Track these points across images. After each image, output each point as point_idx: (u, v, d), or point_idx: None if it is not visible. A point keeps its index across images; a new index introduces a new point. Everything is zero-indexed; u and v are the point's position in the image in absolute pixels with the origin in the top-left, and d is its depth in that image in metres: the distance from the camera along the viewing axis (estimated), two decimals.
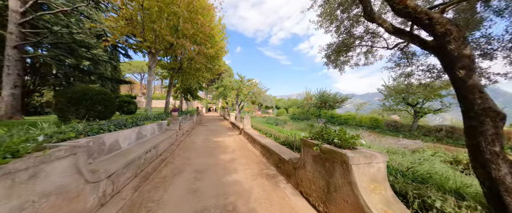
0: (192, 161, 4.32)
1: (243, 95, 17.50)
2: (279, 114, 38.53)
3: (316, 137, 2.49)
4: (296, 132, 8.68)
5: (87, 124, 3.46)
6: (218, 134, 8.81)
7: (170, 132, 6.50)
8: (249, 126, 8.23)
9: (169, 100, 12.88)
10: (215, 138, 7.60)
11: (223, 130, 10.80)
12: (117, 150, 3.47)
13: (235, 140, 7.29)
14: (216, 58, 11.80)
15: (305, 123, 11.22)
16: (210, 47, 9.72)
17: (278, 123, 14.07)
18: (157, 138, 5.18)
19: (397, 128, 12.80)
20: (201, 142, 6.68)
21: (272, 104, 48.51)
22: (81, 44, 9.03)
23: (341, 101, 21.93)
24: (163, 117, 8.17)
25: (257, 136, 6.11)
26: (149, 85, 8.47)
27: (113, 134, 3.41)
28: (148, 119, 6.60)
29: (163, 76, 12.29)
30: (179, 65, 11.82)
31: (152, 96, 31.40)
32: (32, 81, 13.62)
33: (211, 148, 5.76)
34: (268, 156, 4.41)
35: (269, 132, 7.50)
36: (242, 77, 17.27)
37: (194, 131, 9.88)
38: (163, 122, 6.95)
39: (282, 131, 8.45)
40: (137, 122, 5.14)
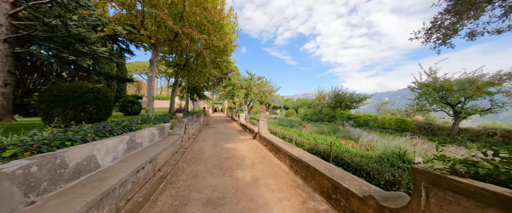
0: (201, 181, 3.15)
1: (253, 94, 16.29)
2: (288, 115, 37.07)
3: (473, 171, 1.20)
4: (320, 137, 7.38)
5: (60, 131, 2.38)
6: (229, 139, 7.65)
7: (174, 138, 5.39)
8: (265, 129, 7.01)
9: (174, 100, 11.91)
10: (226, 144, 6.43)
11: (233, 133, 9.64)
12: (91, 171, 2.35)
13: (250, 147, 6.09)
14: (225, 53, 10.68)
15: (326, 126, 9.85)
16: (219, 39, 8.60)
17: (293, 125, 12.76)
18: (157, 147, 4.07)
19: (433, 131, 11.14)
20: (211, 150, 5.53)
21: (280, 104, 47.06)
22: (77, 38, 8.18)
23: (359, 100, 20.24)
24: (166, 119, 7.11)
25: (281, 143, 4.88)
26: (151, 82, 7.44)
27: (83, 147, 2.29)
28: (147, 121, 5.53)
29: (168, 74, 11.31)
30: (185, 61, 10.79)
31: (156, 95, 31.03)
32: (32, 80, 13.07)
33: (224, 158, 4.58)
34: (306, 176, 3.17)
35: (288, 137, 6.28)
36: (252, 75, 16.08)
37: (202, 135, 8.78)
38: (166, 125, 5.87)
39: (302, 135, 7.19)
40: (131, 126, 4.04)
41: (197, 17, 6.75)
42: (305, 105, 42.50)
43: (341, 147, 5.60)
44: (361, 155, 4.42)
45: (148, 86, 7.45)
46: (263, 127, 7.04)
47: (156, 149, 3.88)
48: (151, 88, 7.47)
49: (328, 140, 6.41)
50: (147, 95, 7.43)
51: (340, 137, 8.12)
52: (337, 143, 6.09)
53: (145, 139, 4.15)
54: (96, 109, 5.73)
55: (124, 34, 7.22)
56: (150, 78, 7.45)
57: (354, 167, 3.29)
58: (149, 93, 7.42)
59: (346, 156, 3.74)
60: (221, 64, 11.52)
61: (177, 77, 11.56)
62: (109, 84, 30.17)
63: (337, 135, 8.66)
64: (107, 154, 2.72)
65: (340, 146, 5.73)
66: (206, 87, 17.20)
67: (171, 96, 11.83)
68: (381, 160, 4.20)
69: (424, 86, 10.79)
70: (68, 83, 5.45)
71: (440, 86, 10.04)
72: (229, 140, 7.44)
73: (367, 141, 6.21)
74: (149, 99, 7.41)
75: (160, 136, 5.23)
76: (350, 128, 8.22)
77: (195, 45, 7.85)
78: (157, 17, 6.08)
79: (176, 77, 11.61)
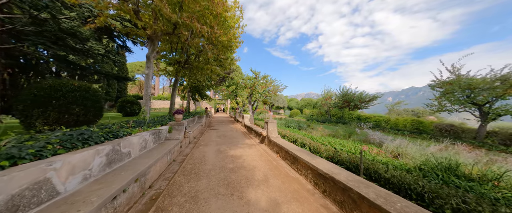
0: (202, 207, 2.39)
1: (257, 94, 15.54)
2: (293, 115, 36.19)
3: None
4: (336, 142, 6.58)
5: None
6: (234, 143, 6.90)
7: (171, 143, 4.65)
8: (275, 133, 6.23)
9: (175, 100, 11.21)
10: (231, 150, 5.68)
11: (238, 136, 8.89)
12: (40, 203, 1.60)
13: (259, 154, 5.32)
14: (229, 49, 9.93)
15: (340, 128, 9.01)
16: (223, 33, 7.85)
17: (301, 127, 11.95)
18: (148, 158, 3.33)
19: (456, 134, 10.19)
20: (214, 158, 4.77)
21: (284, 104, 46.16)
22: (68, 32, 7.53)
23: (369, 100, 19.27)
24: (164, 121, 6.39)
25: (298, 151, 4.10)
26: (148, 80, 6.74)
27: (30, 169, 1.54)
28: (141, 124, 4.81)
29: (168, 73, 10.62)
30: (186, 58, 10.08)
31: (157, 95, 30.39)
32: (27, 80, 12.55)
33: (230, 170, 3.83)
34: (342, 200, 2.38)
35: (299, 140, 5.51)
36: (257, 74, 15.33)
37: (204, 138, 8.05)
38: (163, 128, 5.14)
39: (315, 139, 6.39)
40: (118, 131, 3.31)
41: (198, 6, 6.01)
42: (310, 105, 41.55)
43: (365, 155, 4.79)
44: (396, 166, 3.62)
45: (145, 85, 6.74)
46: (273, 131, 6.27)
47: (147, 161, 3.14)
48: (148, 87, 6.76)
49: (347, 145, 5.59)
50: (144, 95, 6.72)
51: (358, 141, 7.30)
52: (357, 149, 5.28)
53: (135, 147, 3.41)
54: (83, 110, 5.03)
55: (117, 26, 6.52)
56: (147, 76, 6.74)
57: (396, 185, 2.50)
58: (145, 92, 6.71)
59: (380, 168, 2.96)
60: (224, 62, 10.78)
61: (177, 76, 10.86)
62: (109, 83, 29.81)
63: (353, 138, 7.83)
64: (73, 174, 1.98)
65: (364, 153, 4.93)
66: (208, 87, 16.50)
67: (171, 96, 11.14)
68: (425, 173, 3.40)
69: (447, 84, 9.86)
70: (51, 80, 4.75)
71: (466, 84, 9.10)
72: (234, 144, 6.68)
73: (394, 146, 5.39)
74: (145, 99, 6.70)
75: (155, 142, 4.50)
76: (368, 130, 7.40)
77: (196, 39, 7.13)
78: (152, 5, 5.36)
79: (177, 75, 10.91)
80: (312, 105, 39.25)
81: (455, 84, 9.46)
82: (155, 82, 55.04)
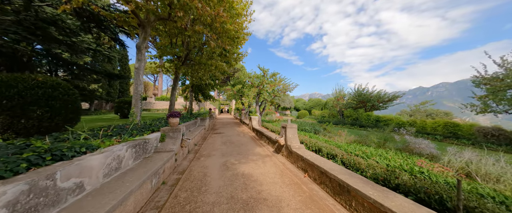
0: None
1: (266, 93, 14.22)
2: (301, 116, 34.67)
3: None
4: (371, 151, 5.18)
5: None
6: (244, 153, 5.61)
7: (161, 159, 3.41)
8: (297, 141, 4.91)
9: (175, 100, 10.06)
10: (242, 165, 4.39)
11: (246, 142, 7.60)
12: None
13: (280, 172, 4.01)
14: (236, 41, 8.69)
15: (371, 133, 7.57)
16: (229, 18, 6.62)
17: (317, 130, 10.57)
18: (114, 192, 2.08)
19: (506, 139, 8.55)
20: (219, 179, 3.50)
21: (290, 105, 44.60)
22: (48, 21, 6.47)
23: (388, 100, 17.60)
24: (156, 126, 5.17)
25: (347, 175, 2.78)
26: (138, 76, 5.55)
27: None
28: (122, 132, 3.61)
29: (166, 68, 9.46)
30: (186, 52, 8.90)
31: (161, 96, 29.41)
32: None
33: (244, 202, 2.55)
34: None
35: (325, 150, 4.23)
36: (265, 71, 14.03)
37: (206, 146, 6.80)
38: (152, 136, 3.91)
39: (340, 147, 5.03)
40: (64, 150, 2.08)
41: None
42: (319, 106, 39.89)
43: (431, 175, 3.42)
44: None
45: (134, 81, 5.56)
46: (294, 138, 4.95)
47: (110, 198, 1.89)
48: (139, 84, 5.57)
49: (394, 158, 4.20)
50: (133, 93, 5.54)
51: (395, 149, 5.88)
52: (410, 164, 3.89)
53: (95, 173, 2.17)
54: (48, 113, 3.86)
55: (102, 12, 5.37)
56: (137, 70, 5.56)
57: None
58: (135, 90, 5.53)
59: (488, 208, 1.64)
60: (230, 57, 9.55)
61: (177, 73, 9.70)
62: (111, 84, 29.15)
63: (386, 145, 6.41)
64: None
65: (430, 173, 3.54)
66: (212, 86, 15.32)
67: (170, 96, 9.99)
68: None
69: (497, 80, 8.26)
70: (4, 74, 3.60)
71: None
72: (244, 154, 5.39)
73: (464, 161, 3.97)
74: (135, 98, 5.51)
75: (138, 157, 3.27)
76: (410, 137, 5.98)
77: (197, 27, 5.92)
78: None
79: (176, 72, 9.75)
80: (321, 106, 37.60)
81: (510, 77, 7.81)
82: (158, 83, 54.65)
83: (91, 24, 7.01)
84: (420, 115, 17.62)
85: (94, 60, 20.19)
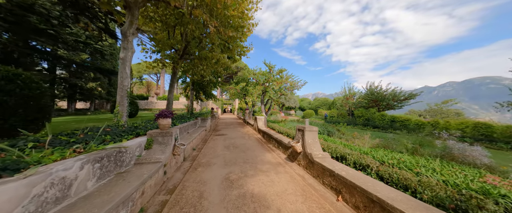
0: None
1: (272, 91, 13.23)
2: (306, 116, 33.53)
3: None
4: (411, 161, 4.12)
5: None
6: (251, 161, 4.65)
7: (140, 175, 2.47)
8: (319, 148, 3.91)
9: (172, 98, 9.17)
10: (250, 180, 3.43)
11: (253, 146, 6.64)
12: None
13: (301, 191, 3.03)
14: (240, 31, 7.73)
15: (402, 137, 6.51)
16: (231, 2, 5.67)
17: (331, 132, 9.54)
18: None
19: None
20: (221, 203, 2.55)
21: (295, 104, 43.39)
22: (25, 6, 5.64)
23: (404, 99, 16.36)
24: (144, 129, 4.25)
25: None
26: (123, 67, 4.65)
27: None
28: (92, 139, 2.69)
29: (163, 64, 8.57)
30: (184, 44, 7.98)
31: (162, 95, 28.55)
32: None
33: None
34: None
35: (354, 159, 3.27)
36: (271, 67, 13.04)
37: (206, 151, 5.87)
38: (133, 143, 2.99)
39: (365, 152, 4.04)
40: None
41: None
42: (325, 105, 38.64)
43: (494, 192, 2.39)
44: None
45: (119, 74, 4.67)
46: (314, 144, 3.96)
47: None
48: (125, 77, 4.67)
49: (445, 171, 3.15)
50: (118, 88, 4.65)
51: (432, 156, 4.83)
52: (475, 180, 2.86)
53: None
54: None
55: None
56: (123, 61, 4.65)
57: None
58: (120, 84, 4.63)
59: None
60: (233, 50, 8.59)
61: (175, 68, 8.81)
62: (111, 82, 28.56)
63: (420, 151, 5.35)
64: None
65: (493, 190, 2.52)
66: (214, 84, 14.41)
67: (168, 94, 9.11)
68: None
69: None
70: None
71: None
72: (251, 163, 4.43)
73: None
74: (120, 94, 4.62)
75: (105, 175, 2.33)
76: (452, 142, 4.92)
77: (195, 10, 5.00)
78: None
79: (174, 68, 8.86)
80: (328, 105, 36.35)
81: None
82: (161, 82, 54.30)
83: (75, 10, 6.18)
84: (440, 116, 16.29)
85: (92, 58, 19.59)
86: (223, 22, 6.57)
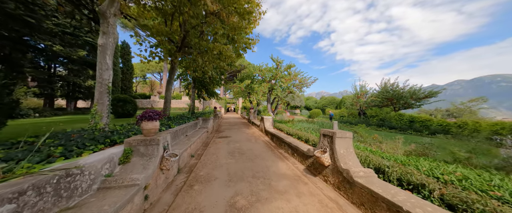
0: None
1: (279, 89, 12.22)
2: (313, 116, 32.35)
3: None
4: (473, 176, 3.11)
5: None
6: (263, 173, 3.68)
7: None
8: (356, 163, 2.92)
9: (169, 96, 8.28)
10: (266, 208, 2.46)
11: (262, 151, 5.67)
12: None
13: None
14: (246, 18, 6.75)
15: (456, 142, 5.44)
16: None
17: None
18: None
19: None
20: None
21: (301, 103, 42.14)
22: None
23: (425, 97, 15.02)
24: (124, 135, 3.34)
25: None
26: (103, 55, 3.75)
27: None
28: (65, 145, 1.72)
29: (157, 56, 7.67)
30: (183, 34, 7.06)
31: (163, 95, 27.44)
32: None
33: None
34: None
35: (403, 176, 2.23)
36: (279, 63, 12.02)
37: (207, 157, 4.94)
38: (97, 159, 2.06)
39: (407, 164, 3.05)
40: None
41: None
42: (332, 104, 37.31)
43: None
44: None
45: (98, 64, 3.77)
46: (349, 156, 2.96)
47: None
48: (104, 69, 3.78)
49: None
50: (96, 83, 3.75)
51: (492, 167, 3.77)
52: None
53: None
54: None
55: None
56: (102, 48, 3.75)
57: None
58: (99, 77, 3.74)
59: None
60: (238, 41, 7.63)
61: (173, 62, 7.91)
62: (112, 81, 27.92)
63: (475, 160, 4.29)
64: None
65: None
66: (216, 81, 13.50)
67: (165, 91, 8.24)
68: None
69: None
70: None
71: None
72: (263, 177, 3.47)
73: None
74: (99, 90, 3.73)
75: None
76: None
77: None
78: None
79: (173, 62, 7.96)
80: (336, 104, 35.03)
81: None
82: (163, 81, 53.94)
83: None
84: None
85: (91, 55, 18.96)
86: (227, 6, 5.59)
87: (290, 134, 7.20)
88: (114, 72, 28.07)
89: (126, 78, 32.80)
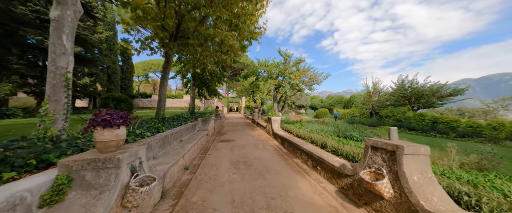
0: None
1: (288, 87, 11.06)
2: (320, 116, 31.07)
3: None
4: None
5: None
6: (282, 201, 2.58)
7: None
8: (442, 195, 1.76)
9: (164, 94, 7.23)
10: None
11: (274, 162, 4.56)
12: None
13: None
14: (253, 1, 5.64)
15: None
16: None
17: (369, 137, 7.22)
18: None
19: None
20: None
21: (306, 103, 40.77)
22: None
23: (449, 95, 13.63)
24: (70, 150, 2.25)
25: None
26: (58, 34, 2.69)
27: None
28: None
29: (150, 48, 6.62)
30: (177, 20, 5.98)
31: (167, 94, 26.53)
32: None
33: None
34: None
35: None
36: (287, 57, 10.87)
37: (205, 171, 3.87)
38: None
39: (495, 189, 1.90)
40: None
41: None
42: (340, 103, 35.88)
43: None
44: None
45: (50, 47, 2.70)
46: (429, 185, 1.82)
47: None
48: (58, 53, 2.71)
49: None
50: (48, 72, 2.69)
51: None
52: None
53: None
54: None
55: None
56: (57, 23, 2.70)
57: None
58: (51, 63, 2.68)
59: None
60: (242, 27, 6.52)
61: (168, 54, 6.85)
62: (111, 79, 27.22)
63: None
64: None
65: None
66: (218, 78, 12.42)
67: (159, 88, 7.20)
68: None
69: None
70: None
71: None
72: (284, 207, 2.35)
73: None
74: (52, 82, 2.66)
75: None
76: None
77: None
78: None
79: (167, 54, 6.91)
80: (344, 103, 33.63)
81: None
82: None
83: None
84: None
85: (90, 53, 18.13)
86: None
87: (301, 137, 6.10)
88: (113, 71, 27.28)
89: (126, 77, 32.01)
